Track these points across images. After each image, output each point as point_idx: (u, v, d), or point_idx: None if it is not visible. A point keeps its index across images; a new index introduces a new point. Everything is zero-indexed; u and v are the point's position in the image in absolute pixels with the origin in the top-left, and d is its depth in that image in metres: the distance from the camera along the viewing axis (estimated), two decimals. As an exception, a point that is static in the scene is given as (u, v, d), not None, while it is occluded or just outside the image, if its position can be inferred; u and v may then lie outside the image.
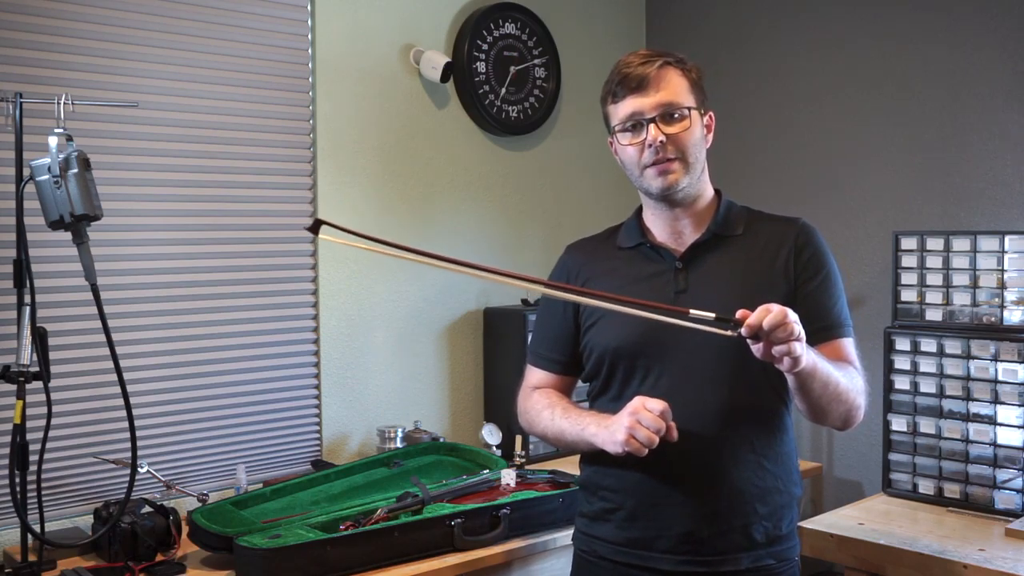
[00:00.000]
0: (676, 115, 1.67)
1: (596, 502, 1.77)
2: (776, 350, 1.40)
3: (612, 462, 1.71)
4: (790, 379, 1.55)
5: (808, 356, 1.46)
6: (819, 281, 1.71)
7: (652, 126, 1.66)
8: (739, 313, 1.41)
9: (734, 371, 1.67)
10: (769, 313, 1.38)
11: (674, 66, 1.70)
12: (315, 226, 1.43)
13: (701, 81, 1.73)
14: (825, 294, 1.72)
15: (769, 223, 1.78)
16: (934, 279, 2.50)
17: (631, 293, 1.68)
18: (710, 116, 1.75)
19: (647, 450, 1.56)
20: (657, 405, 1.57)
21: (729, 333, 1.42)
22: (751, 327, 1.39)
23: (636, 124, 1.68)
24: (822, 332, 1.68)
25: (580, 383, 1.90)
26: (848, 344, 1.72)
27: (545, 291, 1.72)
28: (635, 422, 1.57)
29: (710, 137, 1.76)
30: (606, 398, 1.77)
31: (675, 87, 1.68)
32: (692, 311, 1.43)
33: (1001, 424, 2.36)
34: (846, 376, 1.62)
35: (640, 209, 1.83)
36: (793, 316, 1.40)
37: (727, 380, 1.67)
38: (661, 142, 1.65)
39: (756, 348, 1.42)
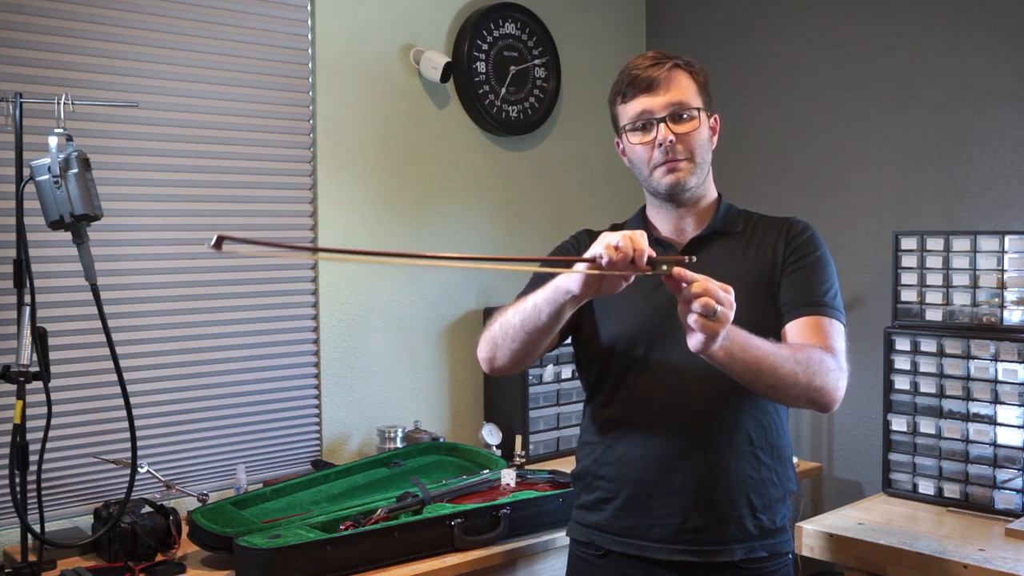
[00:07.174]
0: (685, 115, 1.70)
1: (592, 492, 1.78)
2: (686, 316, 1.37)
3: (609, 452, 1.73)
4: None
5: (724, 344, 1.41)
6: (808, 262, 1.71)
7: (662, 126, 1.69)
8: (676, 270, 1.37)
9: None
10: (703, 284, 1.35)
11: (683, 68, 1.73)
12: (218, 243, 1.27)
13: (708, 84, 1.77)
14: (813, 274, 1.70)
15: (766, 221, 1.81)
16: (934, 279, 2.50)
17: (635, 281, 1.67)
18: (715, 119, 1.79)
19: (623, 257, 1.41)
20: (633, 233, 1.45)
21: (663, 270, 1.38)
22: (679, 276, 1.36)
23: (646, 123, 1.71)
24: (801, 306, 1.65)
25: (577, 380, 1.88)
26: (828, 324, 1.64)
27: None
28: (609, 241, 1.43)
29: (715, 139, 1.79)
30: (604, 390, 1.78)
31: (684, 88, 1.71)
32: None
33: (1001, 424, 2.36)
34: (792, 358, 1.52)
35: (644, 208, 1.86)
36: (723, 302, 1.35)
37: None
38: (671, 141, 1.68)
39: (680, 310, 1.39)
